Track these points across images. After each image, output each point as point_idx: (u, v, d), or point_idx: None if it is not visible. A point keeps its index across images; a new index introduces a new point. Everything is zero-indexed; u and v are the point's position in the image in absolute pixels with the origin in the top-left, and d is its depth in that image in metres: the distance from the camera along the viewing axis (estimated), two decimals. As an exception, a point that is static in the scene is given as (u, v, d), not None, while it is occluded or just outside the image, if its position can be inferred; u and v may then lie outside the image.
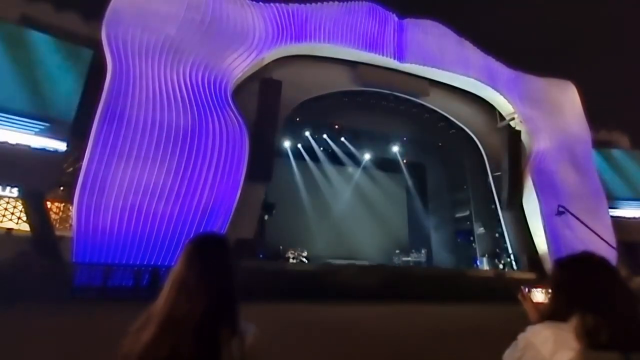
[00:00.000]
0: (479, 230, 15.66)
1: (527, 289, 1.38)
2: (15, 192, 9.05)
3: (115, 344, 0.99)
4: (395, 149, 17.74)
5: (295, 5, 13.06)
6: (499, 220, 14.60)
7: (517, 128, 15.24)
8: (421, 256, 16.02)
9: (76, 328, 5.33)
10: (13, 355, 3.98)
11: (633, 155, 17.85)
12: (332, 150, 17.07)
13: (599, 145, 16.67)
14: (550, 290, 1.17)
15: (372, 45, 13.64)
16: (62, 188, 10.63)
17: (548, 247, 13.26)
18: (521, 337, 1.07)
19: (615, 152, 17.78)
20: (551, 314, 1.08)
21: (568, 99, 16.81)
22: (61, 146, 9.89)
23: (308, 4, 13.34)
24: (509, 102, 15.25)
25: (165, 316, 0.96)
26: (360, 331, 6.17)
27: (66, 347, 4.39)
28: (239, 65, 11.59)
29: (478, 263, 14.95)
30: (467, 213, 16.44)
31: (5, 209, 10.52)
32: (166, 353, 0.91)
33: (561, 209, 13.55)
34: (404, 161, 18.74)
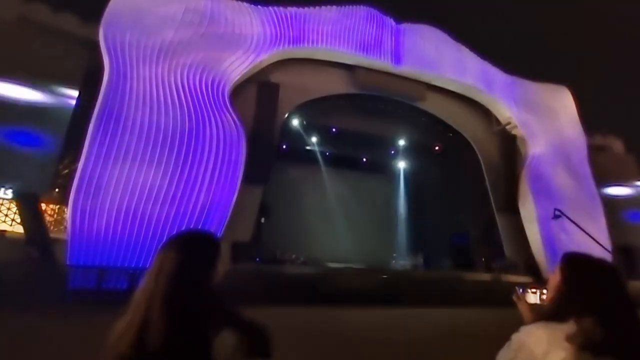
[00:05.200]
0: (475, 233, 15.70)
1: (521, 290, 1.39)
2: (9, 193, 8.98)
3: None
4: (392, 152, 17.81)
5: (294, 9, 13.14)
6: (495, 224, 14.65)
7: (513, 133, 15.35)
8: (418, 260, 16.03)
9: (70, 331, 5.27)
10: (6, 358, 3.93)
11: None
12: (329, 153, 17.11)
13: (594, 149, 16.81)
14: (549, 289, 1.17)
15: (370, 49, 13.72)
16: (57, 190, 10.55)
17: (544, 251, 13.32)
18: (514, 337, 1.07)
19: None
20: (551, 313, 1.08)
21: (563, 103, 16.98)
22: (57, 147, 9.84)
23: (306, 8, 13.42)
24: (504, 106, 15.38)
25: (129, 318, 0.96)
26: (357, 335, 6.15)
27: (59, 350, 4.34)
28: (237, 68, 11.61)
29: (473, 266, 14.97)
30: (464, 217, 16.49)
31: (-1, 211, 10.42)
32: (126, 351, 0.90)
33: (558, 213, 13.63)
34: (401, 165, 18.81)
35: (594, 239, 13.03)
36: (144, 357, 0.89)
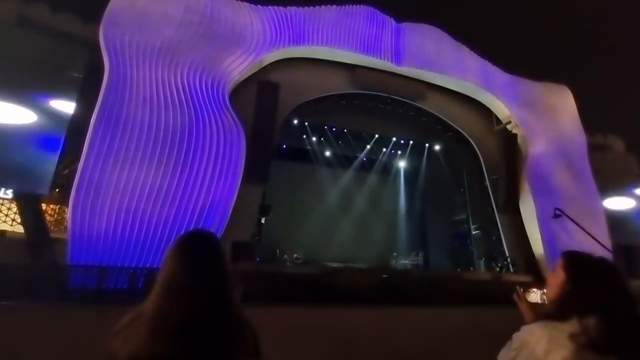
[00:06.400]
0: (476, 233, 15.70)
1: (522, 290, 1.39)
2: (9, 193, 8.98)
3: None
4: (392, 151, 17.81)
5: (294, 8, 13.12)
6: (496, 223, 14.64)
7: (514, 131, 15.34)
8: (418, 259, 16.03)
9: (70, 331, 5.28)
10: (6, 358, 3.93)
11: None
12: (329, 153, 17.11)
13: (594, 148, 16.79)
14: (549, 287, 1.17)
15: (370, 49, 13.71)
16: (57, 190, 10.56)
17: (544, 250, 13.31)
18: (515, 336, 1.07)
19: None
20: (553, 312, 1.08)
21: (563, 102, 16.95)
22: (57, 147, 9.85)
23: (306, 7, 13.41)
24: (505, 105, 15.36)
25: (154, 318, 0.92)
26: (358, 334, 6.15)
27: (60, 350, 4.35)
28: (237, 68, 11.60)
29: (475, 266, 14.99)
30: (464, 216, 16.48)
31: (0, 211, 10.44)
32: (162, 353, 0.88)
33: (558, 212, 13.63)
34: (401, 164, 18.81)
35: (594, 238, 13.04)
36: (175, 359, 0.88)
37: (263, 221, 12.44)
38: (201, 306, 0.94)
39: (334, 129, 15.57)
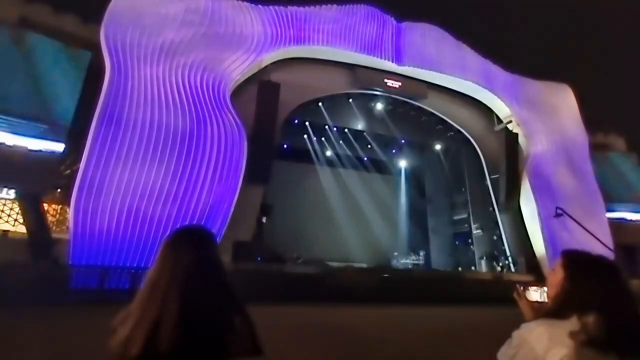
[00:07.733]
0: (477, 232, 15.69)
1: (522, 288, 1.39)
2: (12, 193, 9.01)
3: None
4: (394, 151, 17.80)
5: (294, 8, 13.13)
6: (497, 222, 14.63)
7: (515, 131, 15.32)
8: (420, 258, 16.03)
9: (72, 331, 5.30)
10: (8, 358, 3.95)
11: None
12: (330, 153, 17.10)
13: (596, 147, 16.77)
14: (550, 286, 1.17)
15: (371, 48, 13.71)
16: (59, 190, 10.59)
17: (545, 249, 13.30)
18: (515, 334, 1.08)
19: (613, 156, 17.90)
20: (553, 310, 1.08)
21: (564, 101, 16.93)
22: (59, 148, 9.88)
23: (307, 7, 13.41)
24: (506, 105, 15.34)
25: (138, 316, 0.94)
26: (359, 333, 6.17)
27: (62, 350, 4.37)
28: (238, 68, 11.61)
29: (476, 265, 14.99)
30: (465, 215, 16.47)
31: (2, 211, 10.47)
32: (137, 352, 0.88)
33: (559, 211, 13.62)
34: (403, 163, 18.80)
35: (595, 237, 13.02)
36: (156, 357, 0.88)
37: (264, 221, 12.44)
38: (185, 306, 0.94)
39: (334, 129, 15.56)
